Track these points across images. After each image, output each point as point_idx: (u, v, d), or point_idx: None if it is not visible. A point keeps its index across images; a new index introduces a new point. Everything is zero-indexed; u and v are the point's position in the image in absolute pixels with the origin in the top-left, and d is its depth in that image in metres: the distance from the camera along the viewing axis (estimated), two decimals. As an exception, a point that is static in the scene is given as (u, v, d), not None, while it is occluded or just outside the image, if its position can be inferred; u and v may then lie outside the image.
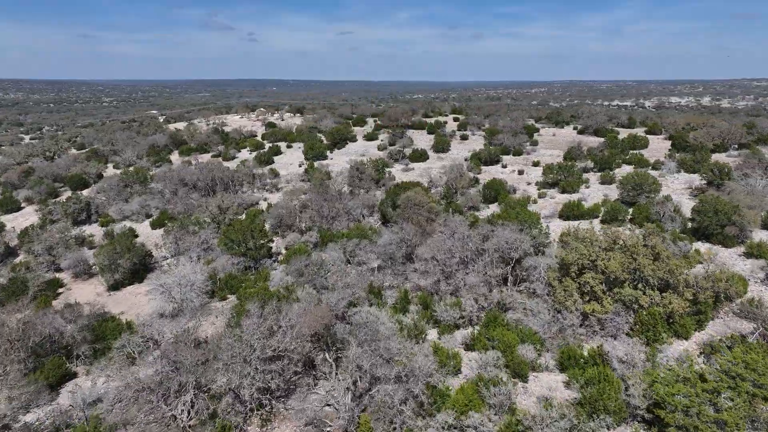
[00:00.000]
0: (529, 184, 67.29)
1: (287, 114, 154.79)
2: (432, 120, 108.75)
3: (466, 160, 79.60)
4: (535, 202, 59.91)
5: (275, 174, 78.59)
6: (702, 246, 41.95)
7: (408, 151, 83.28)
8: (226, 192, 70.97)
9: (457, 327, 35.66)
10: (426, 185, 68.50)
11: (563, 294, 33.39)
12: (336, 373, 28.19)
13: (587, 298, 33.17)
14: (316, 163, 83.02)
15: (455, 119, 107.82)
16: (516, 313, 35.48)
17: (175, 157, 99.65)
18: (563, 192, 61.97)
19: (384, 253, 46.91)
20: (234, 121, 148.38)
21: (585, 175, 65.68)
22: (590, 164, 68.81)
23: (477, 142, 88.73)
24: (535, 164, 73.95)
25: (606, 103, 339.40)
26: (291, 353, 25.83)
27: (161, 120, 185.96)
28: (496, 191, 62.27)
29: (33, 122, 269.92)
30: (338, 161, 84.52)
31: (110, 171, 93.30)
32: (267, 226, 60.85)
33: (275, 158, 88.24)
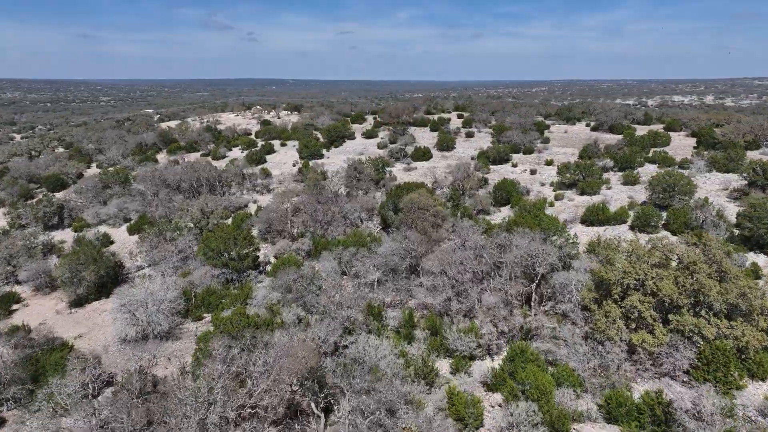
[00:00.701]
0: (543, 185, 60.98)
1: (284, 112, 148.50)
2: (435, 117, 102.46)
3: (473, 158, 73.28)
4: (551, 205, 53.61)
5: (267, 174, 72.29)
6: (757, 258, 35.72)
7: (410, 149, 77.00)
8: (212, 194, 64.69)
9: (473, 358, 29.34)
10: (430, 186, 62.28)
11: (604, 321, 27.10)
12: (324, 428, 22.01)
13: (634, 325, 26.92)
14: (311, 162, 76.73)
15: (459, 116, 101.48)
16: (545, 343, 29.20)
17: (162, 156, 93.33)
18: (582, 194, 55.71)
19: (385, 264, 40.59)
20: (229, 119, 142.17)
21: (605, 175, 59.39)
22: (610, 163, 62.50)
23: (484, 140, 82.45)
24: (548, 163, 67.66)
25: (608, 101, 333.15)
26: (265, 410, 19.53)
27: (156, 118, 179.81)
28: (507, 193, 56.02)
29: (27, 121, 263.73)
30: (335, 160, 78.23)
31: (93, 171, 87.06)
32: (255, 232, 54.66)
33: (268, 157, 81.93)
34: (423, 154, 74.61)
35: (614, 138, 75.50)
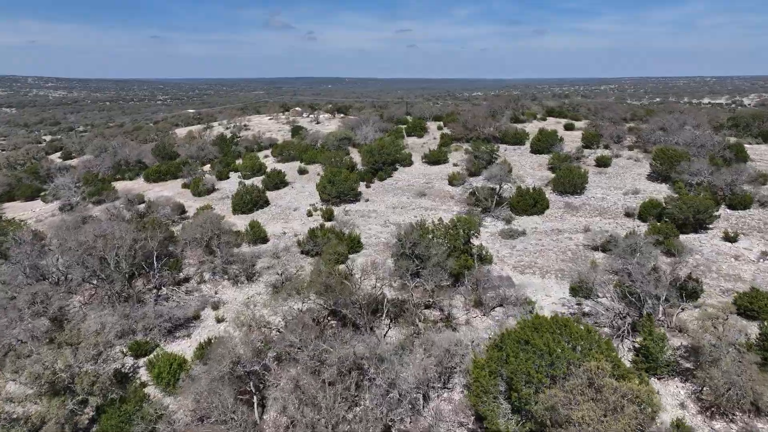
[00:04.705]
0: None
1: (325, 115, 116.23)
2: (530, 125, 67.01)
3: (629, 215, 38.06)
4: None
5: (258, 236, 39.66)
6: None
7: (508, 188, 42.39)
8: (144, 277, 32.91)
9: None
10: (585, 320, 28.10)
11: None
12: None
13: None
14: (338, 210, 43.82)
15: (568, 127, 65.09)
16: None
17: (135, 183, 63.05)
18: None
19: None
20: (259, 124, 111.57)
21: None
22: None
23: (631, 172, 46.60)
24: (810, 238, 31.56)
25: (695, 101, 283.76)
26: None
27: (184, 120, 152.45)
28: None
29: (73, 121, 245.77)
30: (378, 206, 44.88)
31: (18, 207, 57.83)
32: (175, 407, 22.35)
33: (273, 195, 49.55)
34: (534, 203, 39.90)
35: None
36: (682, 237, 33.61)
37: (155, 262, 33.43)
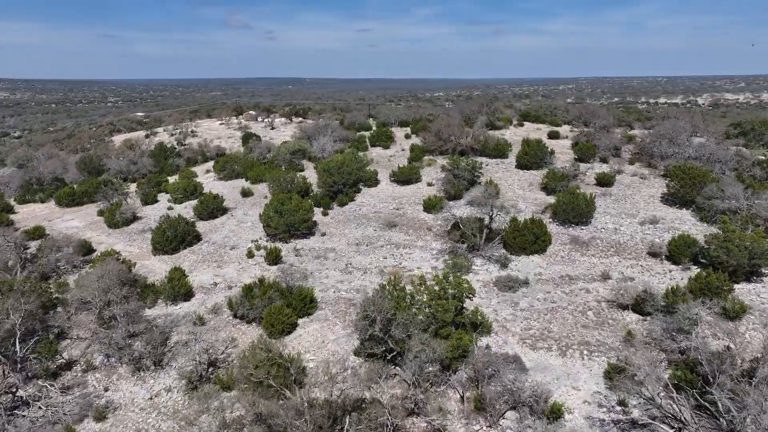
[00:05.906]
0: None
1: (281, 119, 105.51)
2: (508, 132, 58.82)
3: (654, 255, 29.80)
4: None
5: (178, 292, 29.48)
6: None
7: (502, 219, 33.48)
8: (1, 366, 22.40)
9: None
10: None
11: None
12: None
13: None
14: (286, 248, 34.14)
15: (551, 135, 57.08)
16: None
17: (43, 208, 51.54)
18: None
19: None
20: (208, 129, 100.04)
21: None
22: None
23: (641, 193, 38.58)
24: None
25: (652, 101, 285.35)
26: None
27: (143, 123, 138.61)
28: None
29: (10, 125, 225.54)
30: (338, 241, 35.38)
31: None
32: None
33: (207, 225, 39.37)
34: (535, 239, 31.22)
35: None
36: (738, 286, 25.54)
37: (17, 346, 23.09)
